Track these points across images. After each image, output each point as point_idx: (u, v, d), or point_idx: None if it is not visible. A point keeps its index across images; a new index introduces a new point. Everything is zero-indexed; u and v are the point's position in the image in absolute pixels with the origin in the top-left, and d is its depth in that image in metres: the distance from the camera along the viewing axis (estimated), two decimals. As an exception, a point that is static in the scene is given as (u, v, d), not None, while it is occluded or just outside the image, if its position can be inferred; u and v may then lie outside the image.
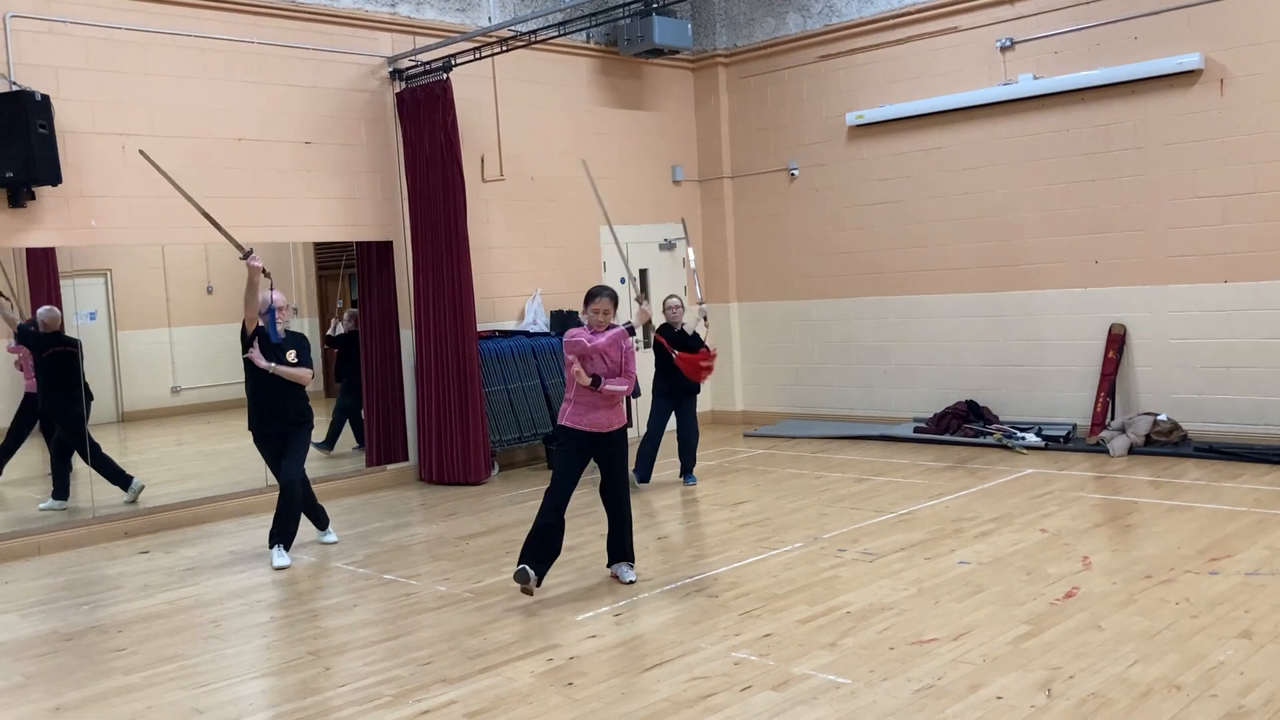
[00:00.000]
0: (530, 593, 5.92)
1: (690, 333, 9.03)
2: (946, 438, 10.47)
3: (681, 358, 8.72)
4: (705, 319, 9.19)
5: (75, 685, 5.06)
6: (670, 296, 9.25)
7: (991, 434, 10.20)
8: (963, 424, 10.53)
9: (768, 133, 12.25)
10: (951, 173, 10.88)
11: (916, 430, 10.83)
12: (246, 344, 7.13)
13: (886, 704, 4.31)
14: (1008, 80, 10.36)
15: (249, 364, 7.12)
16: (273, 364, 7.07)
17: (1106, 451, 9.45)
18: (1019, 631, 5.07)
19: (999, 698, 4.31)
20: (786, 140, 12.11)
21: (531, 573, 5.90)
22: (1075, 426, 10.12)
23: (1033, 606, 5.44)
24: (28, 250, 8.81)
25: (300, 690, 4.86)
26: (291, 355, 7.18)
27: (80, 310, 10.12)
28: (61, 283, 9.73)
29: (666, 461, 9.51)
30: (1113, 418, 9.90)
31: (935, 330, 11.17)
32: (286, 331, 7.24)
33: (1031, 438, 9.95)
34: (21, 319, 8.77)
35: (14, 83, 7.74)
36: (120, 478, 8.72)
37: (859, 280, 11.69)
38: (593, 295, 6.21)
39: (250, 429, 7.27)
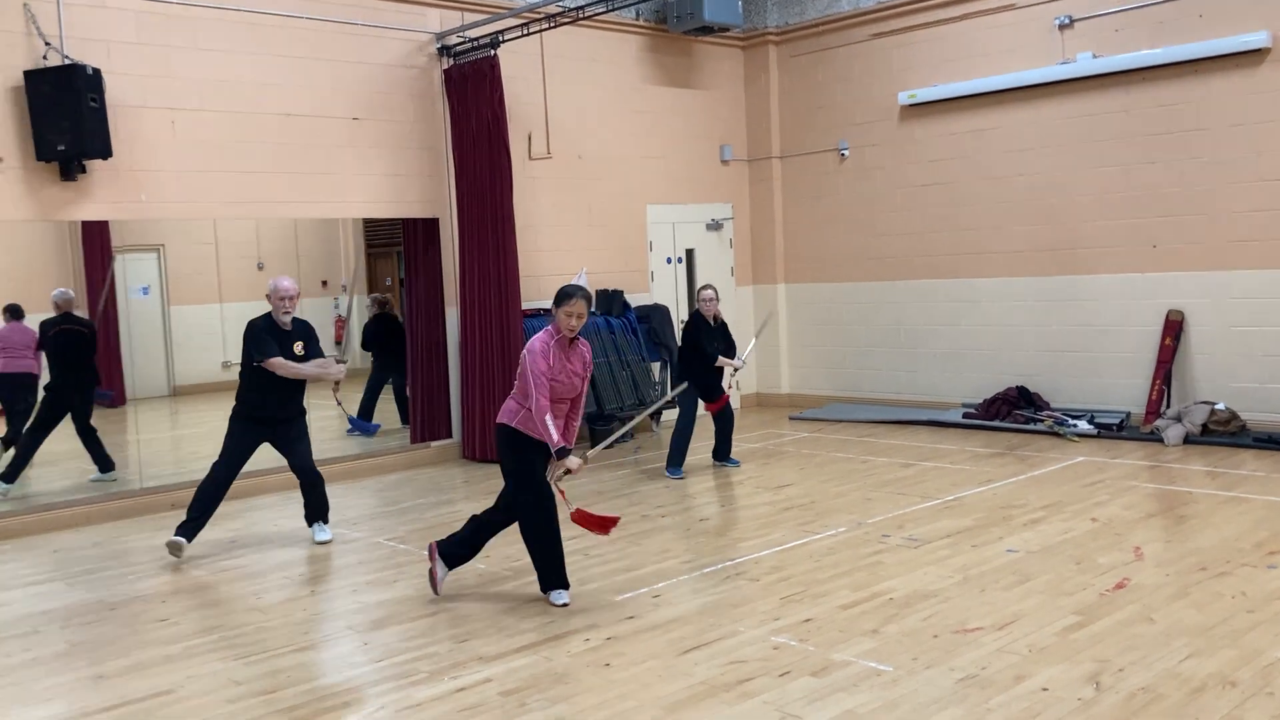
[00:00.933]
0: None
1: (720, 323, 8.87)
2: (996, 424, 10.28)
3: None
4: (736, 371, 9.03)
5: (118, 654, 5.11)
6: (705, 287, 8.95)
7: (1043, 421, 10.01)
8: (1013, 410, 10.34)
9: (818, 112, 12.08)
10: (1006, 154, 10.65)
11: (965, 416, 10.65)
12: (259, 349, 6.75)
13: (928, 692, 4.22)
14: (1066, 59, 10.10)
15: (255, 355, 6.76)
16: (304, 363, 6.85)
17: (1161, 440, 9.23)
18: (1067, 622, 4.95)
19: (1045, 689, 4.20)
20: (837, 120, 11.93)
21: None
22: (1129, 414, 9.89)
23: (1082, 597, 5.31)
24: (83, 224, 8.93)
25: (337, 664, 4.86)
26: (299, 347, 6.85)
27: (133, 285, 10.25)
28: (115, 257, 9.87)
29: (700, 445, 9.42)
30: (1168, 406, 9.67)
31: (986, 314, 10.97)
32: (294, 320, 6.89)
33: (1084, 425, 9.75)
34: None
35: (66, 56, 7.80)
36: (104, 460, 8.77)
37: (909, 262, 11.51)
38: (565, 296, 5.45)
39: (243, 413, 6.87)
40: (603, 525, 5.60)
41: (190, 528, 6.82)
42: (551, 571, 5.58)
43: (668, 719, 4.09)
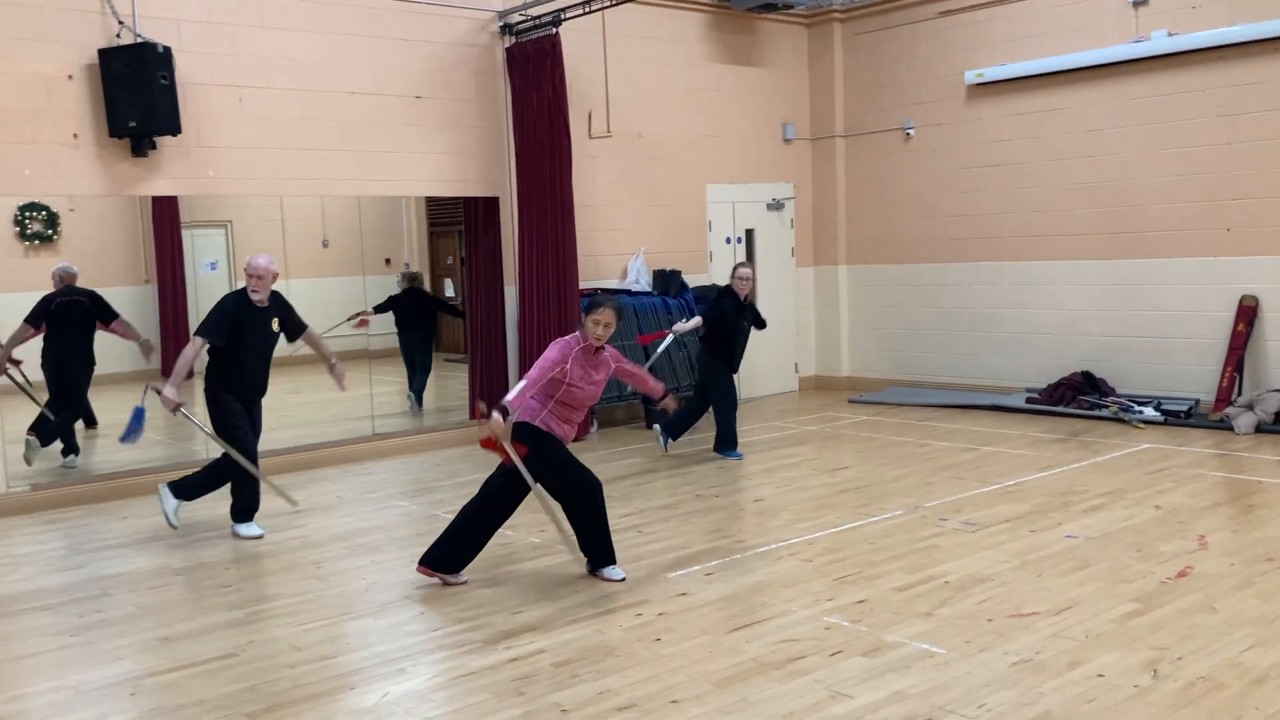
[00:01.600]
0: None
1: (750, 302, 8.81)
2: (1060, 409, 10.12)
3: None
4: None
5: (183, 617, 5.25)
6: (742, 266, 8.80)
7: (1107, 407, 9.83)
8: (1077, 395, 10.16)
9: (883, 91, 11.93)
10: (1075, 135, 10.44)
11: (1029, 401, 10.49)
12: (204, 325, 6.62)
13: (981, 675, 4.19)
14: (1139, 37, 9.86)
15: (234, 328, 6.59)
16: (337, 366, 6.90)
17: (1231, 429, 9.02)
18: (1126, 609, 4.87)
19: (1100, 675, 4.14)
20: (902, 99, 11.77)
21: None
22: (1198, 402, 9.67)
23: (1142, 584, 5.22)
24: (153, 200, 9.12)
25: (394, 632, 4.95)
26: (275, 324, 6.76)
27: (201, 260, 10.46)
28: (184, 233, 10.08)
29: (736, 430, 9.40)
30: (1239, 394, 9.43)
31: (1052, 298, 10.78)
32: (271, 295, 6.74)
33: (1150, 412, 9.56)
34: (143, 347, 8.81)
35: (138, 35, 7.96)
36: (71, 442, 8.66)
37: (974, 244, 11.34)
38: (595, 304, 5.50)
39: (225, 390, 6.68)
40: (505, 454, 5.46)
41: (192, 493, 6.80)
42: (606, 550, 5.62)
43: (718, 694, 4.11)
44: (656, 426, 9.01)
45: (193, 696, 4.27)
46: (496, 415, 5.30)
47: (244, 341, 6.63)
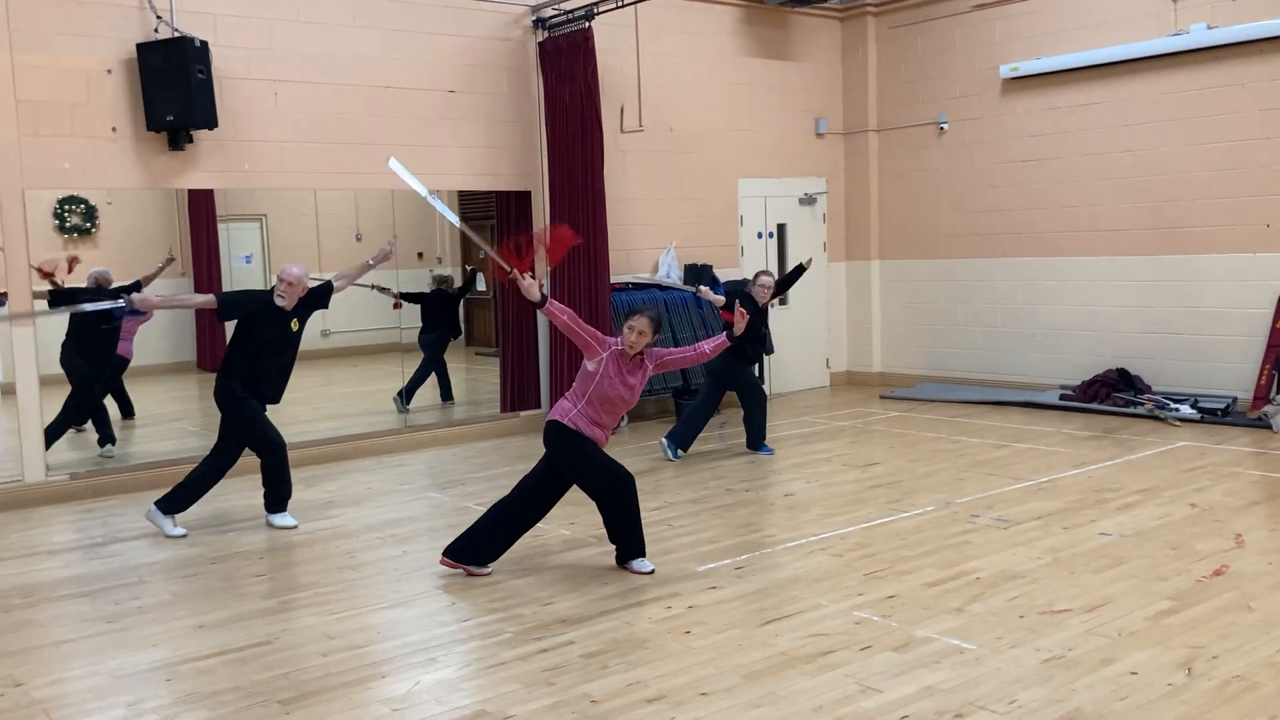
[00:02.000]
0: None
1: (764, 308, 8.59)
2: (1094, 406, 10.03)
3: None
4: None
5: (218, 605, 5.32)
6: (764, 274, 8.62)
7: (1143, 404, 9.73)
8: (1112, 393, 10.07)
9: (916, 85, 11.86)
10: (1111, 129, 10.33)
11: (1062, 398, 10.40)
12: (229, 297, 6.79)
13: (1012, 671, 4.16)
14: (1178, 30, 9.74)
15: (251, 320, 6.66)
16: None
17: (1269, 427, 8.90)
18: (1160, 607, 4.83)
19: (1133, 673, 4.11)
20: (936, 93, 11.70)
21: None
22: (1235, 400, 9.56)
23: (1177, 583, 5.17)
24: (189, 193, 9.23)
25: (425, 622, 4.99)
26: (294, 324, 6.74)
27: (237, 253, 10.57)
28: (219, 226, 10.19)
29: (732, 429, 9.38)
30: (1278, 392, 9.31)
31: (1086, 294, 10.69)
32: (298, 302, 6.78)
33: (1186, 409, 9.45)
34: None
35: (176, 29, 8.04)
36: (107, 431, 8.76)
37: (1007, 240, 11.26)
38: (632, 311, 5.59)
39: (239, 385, 6.67)
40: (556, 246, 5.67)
41: (181, 505, 6.73)
42: (636, 543, 5.65)
43: (747, 687, 4.11)
44: (663, 440, 8.68)
45: (227, 683, 4.32)
46: (534, 290, 5.42)
47: (260, 336, 6.65)
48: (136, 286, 8.58)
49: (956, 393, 11.22)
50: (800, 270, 8.94)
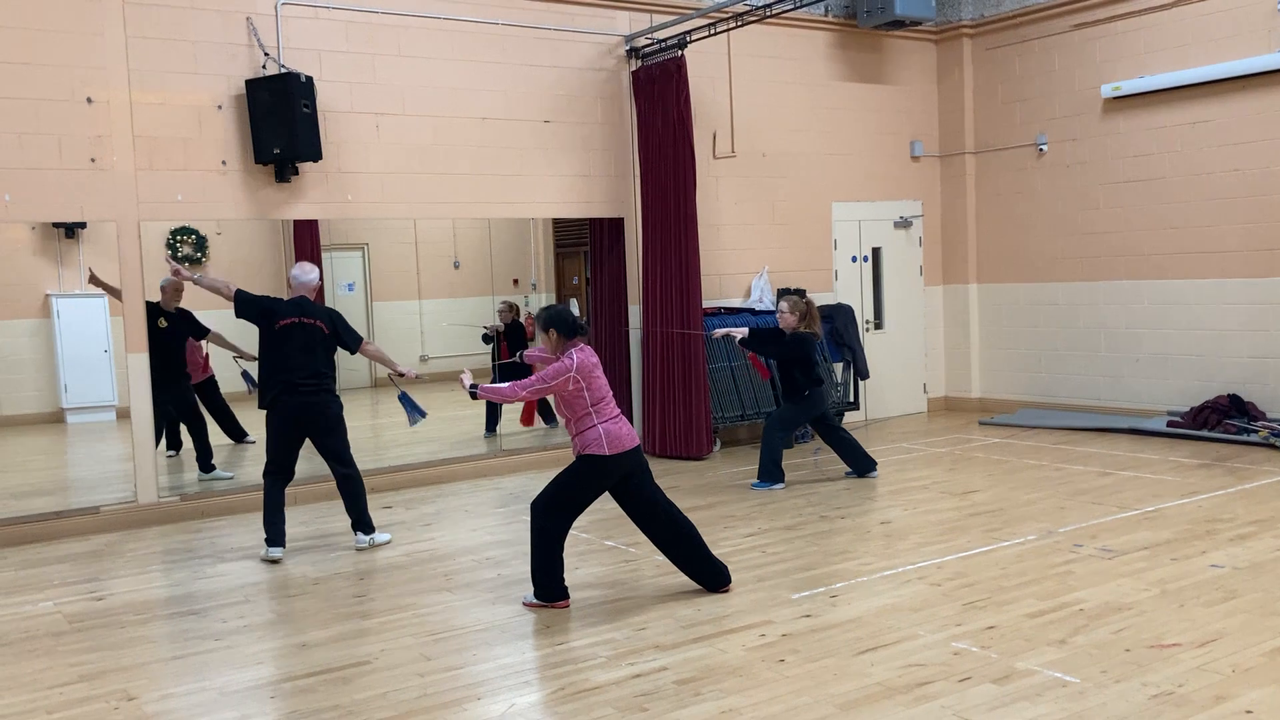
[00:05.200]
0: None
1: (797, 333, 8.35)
2: (1204, 433, 9.69)
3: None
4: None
5: (319, 625, 5.44)
6: (782, 300, 8.45)
7: (1257, 431, 9.37)
8: (1223, 419, 9.71)
9: (1014, 106, 11.67)
10: (1219, 148, 10.03)
11: (1170, 425, 10.07)
12: (252, 301, 6.95)
13: (1118, 707, 4.03)
14: (1290, 45, 9.44)
15: (268, 322, 6.91)
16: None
17: (1394, 456, 8.51)
18: (1277, 644, 4.63)
19: (1248, 712, 3.95)
20: (1035, 114, 11.49)
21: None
22: (1357, 427, 9.15)
23: (1295, 618, 4.96)
24: (295, 223, 9.52)
25: (520, 645, 5.03)
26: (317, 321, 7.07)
27: (340, 281, 10.86)
28: (323, 255, 10.47)
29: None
30: (1403, 419, 8.89)
31: (1195, 317, 10.35)
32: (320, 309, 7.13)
33: (1304, 437, 9.08)
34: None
35: (283, 65, 8.34)
36: (207, 459, 9.04)
37: (1111, 263, 10.98)
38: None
39: (270, 405, 6.94)
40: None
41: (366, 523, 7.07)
42: (715, 573, 5.74)
43: (841, 717, 4.06)
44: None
45: (328, 701, 4.41)
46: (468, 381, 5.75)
47: (281, 335, 6.89)
48: (204, 332, 8.99)
49: (1058, 419, 10.95)
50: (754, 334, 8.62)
